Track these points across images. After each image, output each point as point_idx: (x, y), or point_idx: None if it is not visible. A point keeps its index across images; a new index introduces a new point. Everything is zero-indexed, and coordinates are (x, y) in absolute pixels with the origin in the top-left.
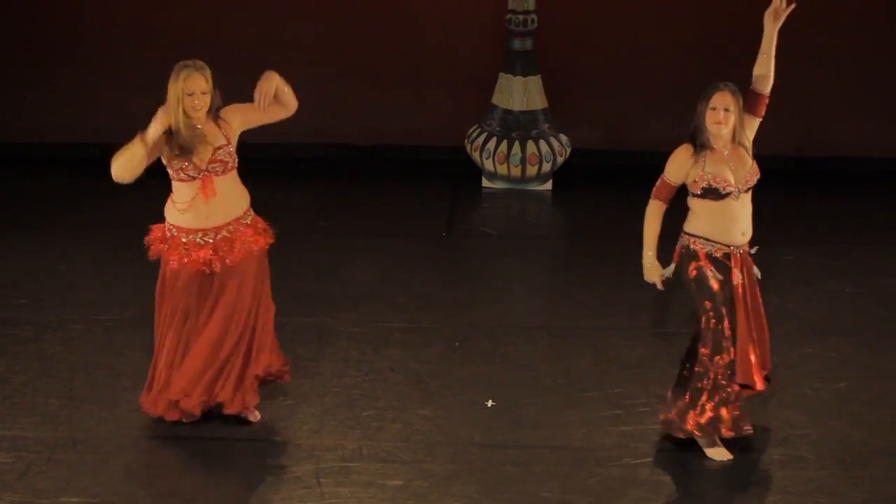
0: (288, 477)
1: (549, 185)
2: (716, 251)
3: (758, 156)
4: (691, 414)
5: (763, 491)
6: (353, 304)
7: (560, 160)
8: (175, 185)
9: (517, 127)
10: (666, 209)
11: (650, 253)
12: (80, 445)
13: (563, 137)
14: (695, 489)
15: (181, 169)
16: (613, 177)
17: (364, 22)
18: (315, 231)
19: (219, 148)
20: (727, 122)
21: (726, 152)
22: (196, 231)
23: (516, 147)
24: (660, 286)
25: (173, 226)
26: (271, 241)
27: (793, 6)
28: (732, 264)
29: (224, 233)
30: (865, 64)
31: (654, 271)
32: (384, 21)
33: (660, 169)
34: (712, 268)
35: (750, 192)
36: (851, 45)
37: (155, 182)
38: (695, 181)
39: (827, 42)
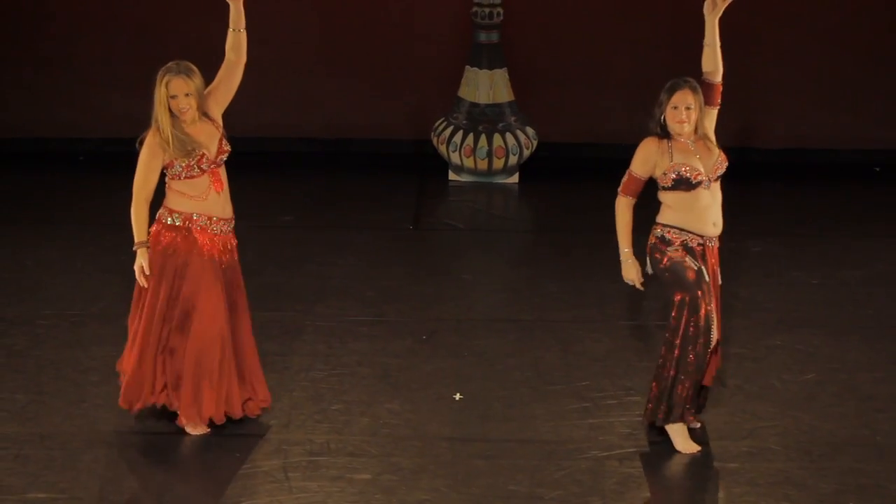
0: (256, 471)
1: (515, 178)
2: (690, 241)
3: (725, 148)
4: (662, 405)
5: (731, 483)
6: (319, 299)
7: (527, 153)
8: (185, 183)
9: (483, 120)
10: (635, 204)
11: (626, 249)
12: (47, 441)
13: (530, 130)
14: (663, 481)
15: (189, 167)
16: (580, 169)
17: (329, 14)
18: (281, 225)
19: (220, 141)
20: (689, 119)
21: (691, 145)
22: (219, 220)
23: (483, 140)
24: (638, 285)
25: (194, 212)
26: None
27: None
28: (708, 256)
29: (225, 227)
30: (830, 55)
31: (632, 268)
32: (349, 13)
33: (626, 162)
34: (689, 257)
35: (719, 183)
36: (817, 36)
37: (117, 180)
38: (664, 173)
39: (793, 33)
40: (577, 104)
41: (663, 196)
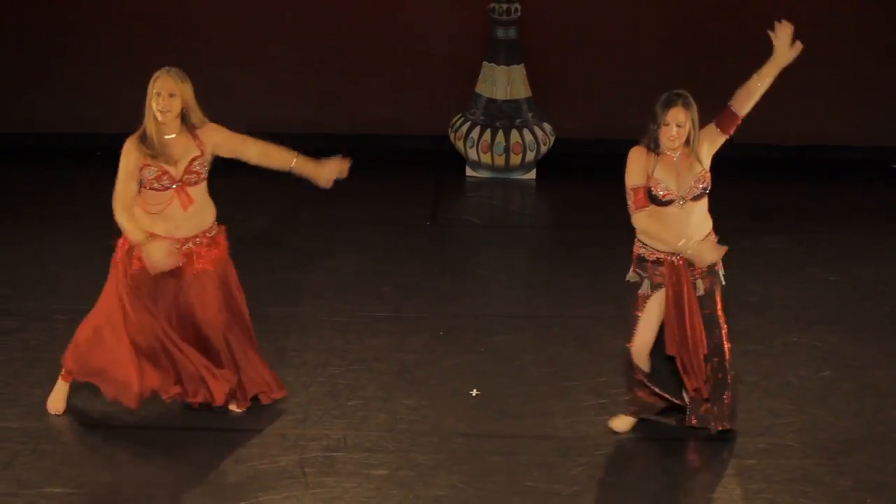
0: (273, 467)
1: (532, 175)
2: (649, 255)
3: (741, 145)
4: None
5: (748, 479)
6: (336, 294)
7: (544, 149)
8: (148, 193)
9: (501, 116)
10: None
11: (680, 243)
12: (64, 436)
13: (547, 126)
14: (679, 477)
15: (156, 179)
16: (597, 166)
17: (348, 11)
18: (297, 221)
19: (194, 159)
20: (680, 137)
21: (676, 157)
22: (166, 239)
23: (500, 136)
24: (719, 253)
25: (152, 229)
26: (223, 254)
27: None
28: (667, 272)
29: (190, 244)
30: (846, 51)
31: (704, 248)
32: (368, 10)
33: None
34: (652, 271)
35: (702, 202)
36: (832, 32)
37: None
38: (641, 183)
39: (807, 29)
40: (595, 100)
41: None
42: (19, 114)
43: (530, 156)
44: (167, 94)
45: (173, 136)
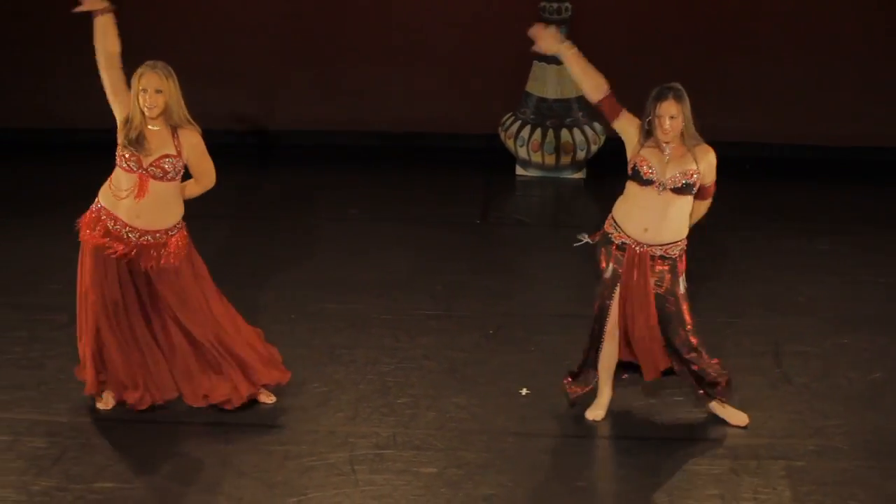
0: (322, 464)
1: (582, 174)
2: (616, 237)
3: (791, 147)
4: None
5: (797, 481)
6: (386, 292)
7: (594, 149)
8: (116, 171)
9: (551, 115)
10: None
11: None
12: (114, 431)
13: (597, 126)
14: (729, 478)
15: (124, 157)
16: None
17: (399, 9)
18: (348, 218)
19: (166, 156)
20: (674, 129)
21: (668, 149)
22: (124, 224)
23: (550, 135)
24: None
25: (104, 208)
26: (175, 261)
27: None
28: (626, 258)
29: (148, 237)
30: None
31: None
32: (419, 8)
33: None
34: (616, 256)
35: (683, 201)
36: (885, 30)
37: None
38: (631, 156)
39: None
40: (645, 99)
41: (627, 182)
42: (63, 109)
43: (580, 155)
44: (153, 91)
45: (157, 128)
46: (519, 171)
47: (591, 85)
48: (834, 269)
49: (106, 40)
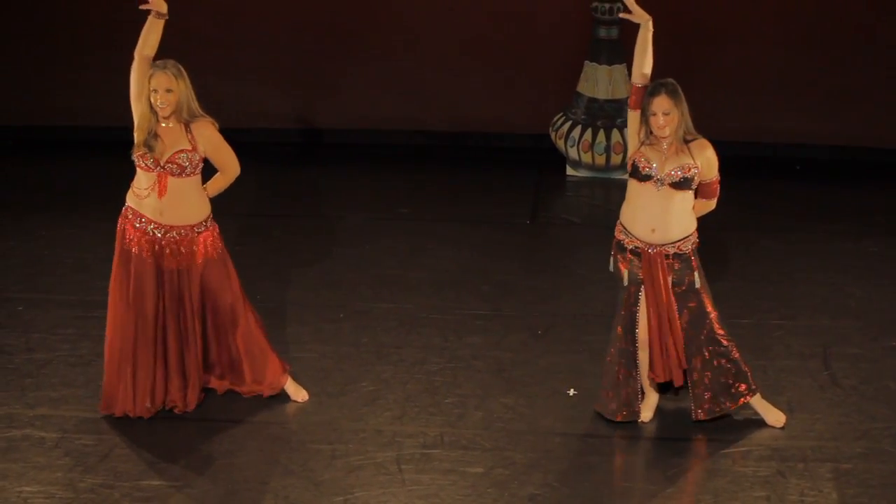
0: (369, 463)
1: None
2: (628, 242)
3: (842, 148)
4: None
5: (844, 483)
6: (435, 291)
7: None
8: (138, 171)
9: (602, 115)
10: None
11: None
12: (162, 429)
13: None
14: (776, 481)
15: (142, 157)
16: None
17: (450, 9)
18: (398, 217)
19: (181, 151)
20: (668, 124)
21: (665, 146)
22: (150, 221)
23: (601, 136)
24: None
25: (130, 207)
26: (212, 255)
27: None
28: (644, 263)
29: (174, 234)
30: None
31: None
32: (470, 8)
33: (740, 160)
34: (632, 260)
35: (684, 196)
36: None
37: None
38: (631, 154)
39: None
40: (695, 101)
41: (628, 182)
42: (84, 105)
43: None
44: (164, 91)
45: (170, 125)
46: (569, 171)
47: (641, 67)
48: (883, 272)
49: (148, 41)
